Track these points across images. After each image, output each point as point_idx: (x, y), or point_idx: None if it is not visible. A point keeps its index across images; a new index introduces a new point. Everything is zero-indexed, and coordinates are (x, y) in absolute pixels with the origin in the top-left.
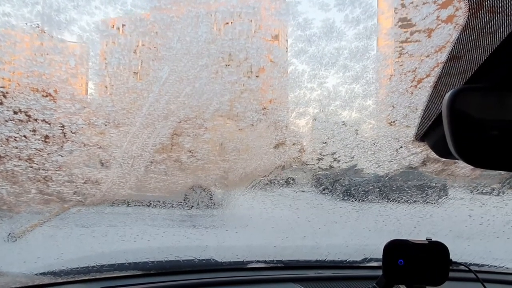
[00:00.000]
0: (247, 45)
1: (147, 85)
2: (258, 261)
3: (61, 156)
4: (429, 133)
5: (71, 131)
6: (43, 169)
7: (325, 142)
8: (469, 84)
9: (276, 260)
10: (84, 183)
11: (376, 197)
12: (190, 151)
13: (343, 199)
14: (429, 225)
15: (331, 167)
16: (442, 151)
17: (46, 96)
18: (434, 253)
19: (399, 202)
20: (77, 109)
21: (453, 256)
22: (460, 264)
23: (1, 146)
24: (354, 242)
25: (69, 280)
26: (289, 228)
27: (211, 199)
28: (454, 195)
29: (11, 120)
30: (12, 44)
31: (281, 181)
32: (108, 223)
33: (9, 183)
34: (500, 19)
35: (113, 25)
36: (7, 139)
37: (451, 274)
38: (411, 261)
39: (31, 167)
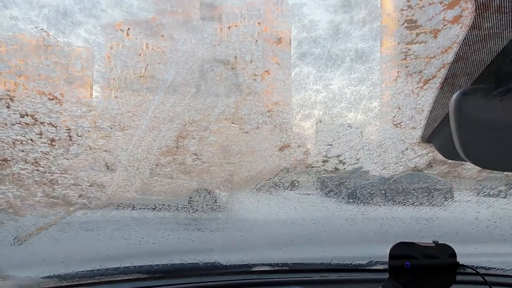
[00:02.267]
0: (252, 47)
1: (153, 87)
2: (263, 264)
3: (67, 159)
4: (435, 134)
5: (77, 134)
6: (49, 172)
7: (331, 144)
8: (476, 85)
9: (281, 263)
10: (90, 186)
11: (382, 199)
12: (195, 154)
13: (349, 201)
14: (435, 228)
15: (336, 169)
16: (448, 152)
17: (53, 99)
18: (441, 255)
19: (405, 204)
20: (83, 112)
21: (460, 259)
22: (468, 266)
23: (8, 149)
24: (359, 245)
25: (74, 283)
26: (294, 231)
27: (216, 202)
28: (461, 198)
29: (17, 124)
30: (18, 47)
31: (286, 184)
32: (113, 226)
33: (15, 186)
34: (507, 19)
35: (119, 28)
36: (13, 142)
37: (458, 277)
38: (418, 264)
39: (37, 170)
